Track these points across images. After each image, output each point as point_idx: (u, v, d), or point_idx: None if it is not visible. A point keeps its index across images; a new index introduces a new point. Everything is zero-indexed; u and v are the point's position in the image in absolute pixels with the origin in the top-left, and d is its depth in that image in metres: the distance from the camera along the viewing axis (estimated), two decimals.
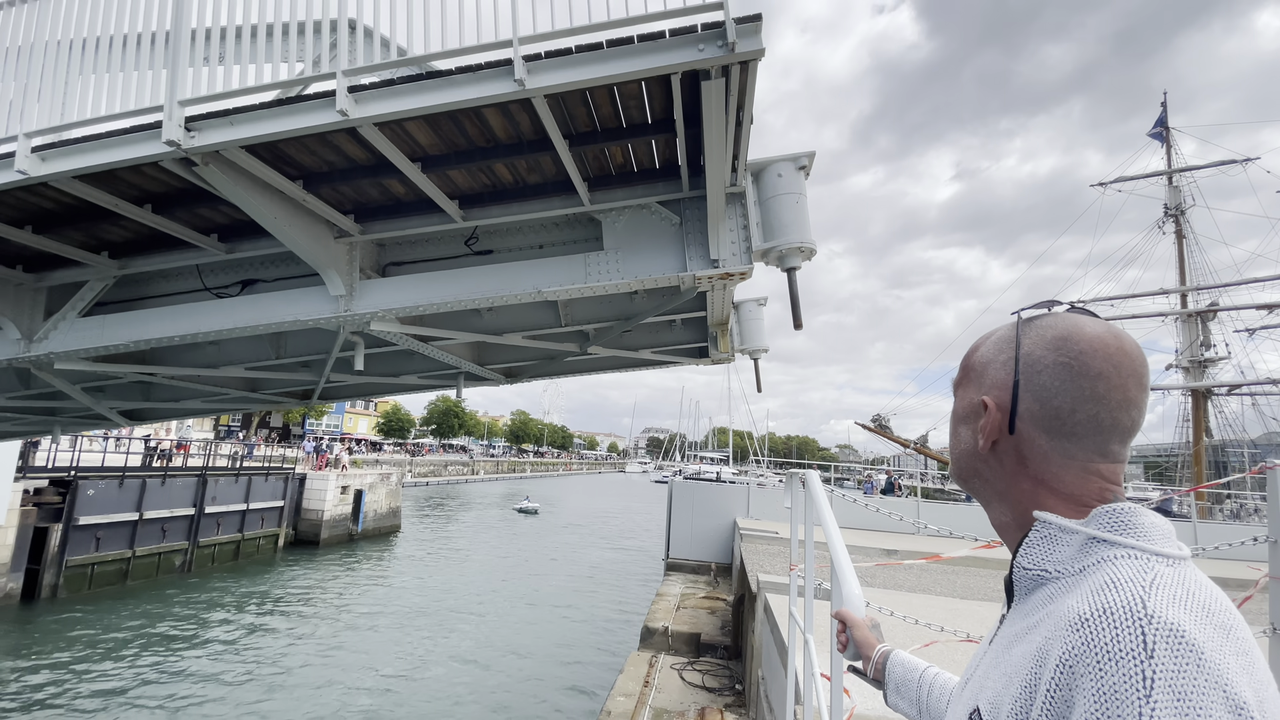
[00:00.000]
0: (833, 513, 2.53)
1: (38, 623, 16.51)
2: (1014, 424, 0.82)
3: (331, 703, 11.88)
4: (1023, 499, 0.83)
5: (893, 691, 1.28)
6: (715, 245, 3.37)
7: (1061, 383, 0.79)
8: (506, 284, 3.73)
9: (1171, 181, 32.11)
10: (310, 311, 4.07)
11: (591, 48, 2.52)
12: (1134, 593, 0.65)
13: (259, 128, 2.89)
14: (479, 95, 2.62)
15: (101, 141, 3.13)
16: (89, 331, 4.76)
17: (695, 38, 2.44)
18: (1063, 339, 0.80)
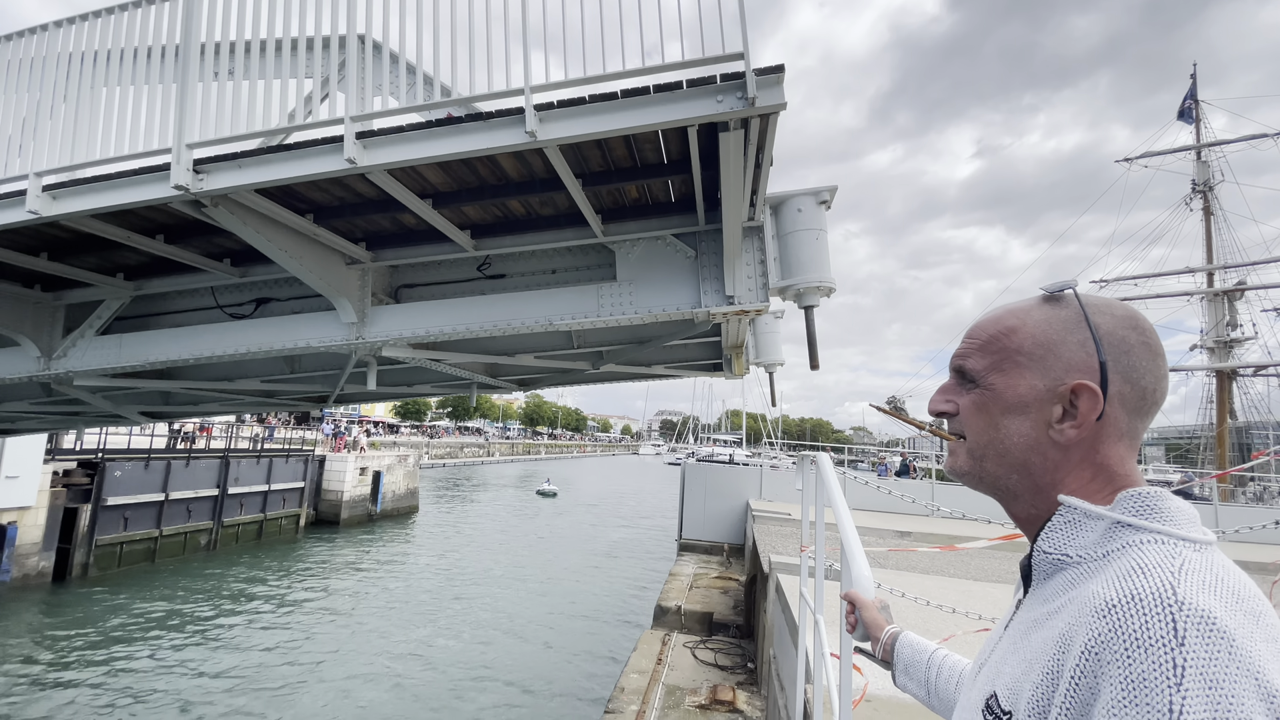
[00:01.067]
0: (844, 495, 2.52)
1: (70, 600, 17.03)
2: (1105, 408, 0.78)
3: (357, 674, 12.20)
4: (1078, 488, 0.79)
5: (901, 672, 1.28)
6: (731, 281, 3.31)
7: (1147, 362, 0.78)
8: (518, 313, 3.69)
9: (1200, 157, 31.18)
10: (323, 337, 4.07)
11: (606, 97, 2.44)
12: (1163, 578, 0.63)
13: (267, 173, 2.85)
14: (490, 145, 2.56)
15: (112, 182, 3.12)
16: (107, 351, 4.82)
17: (714, 89, 2.35)
18: (1133, 317, 0.80)
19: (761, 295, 3.24)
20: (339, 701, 10.95)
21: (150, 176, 3.05)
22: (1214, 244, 30.62)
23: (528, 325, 3.64)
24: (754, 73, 2.29)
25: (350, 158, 2.66)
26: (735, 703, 6.11)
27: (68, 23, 3.42)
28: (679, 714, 5.88)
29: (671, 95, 2.40)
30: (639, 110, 2.42)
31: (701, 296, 3.43)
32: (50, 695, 10.74)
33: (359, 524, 30.81)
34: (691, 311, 3.44)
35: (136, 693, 11.06)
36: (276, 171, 2.84)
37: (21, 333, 4.92)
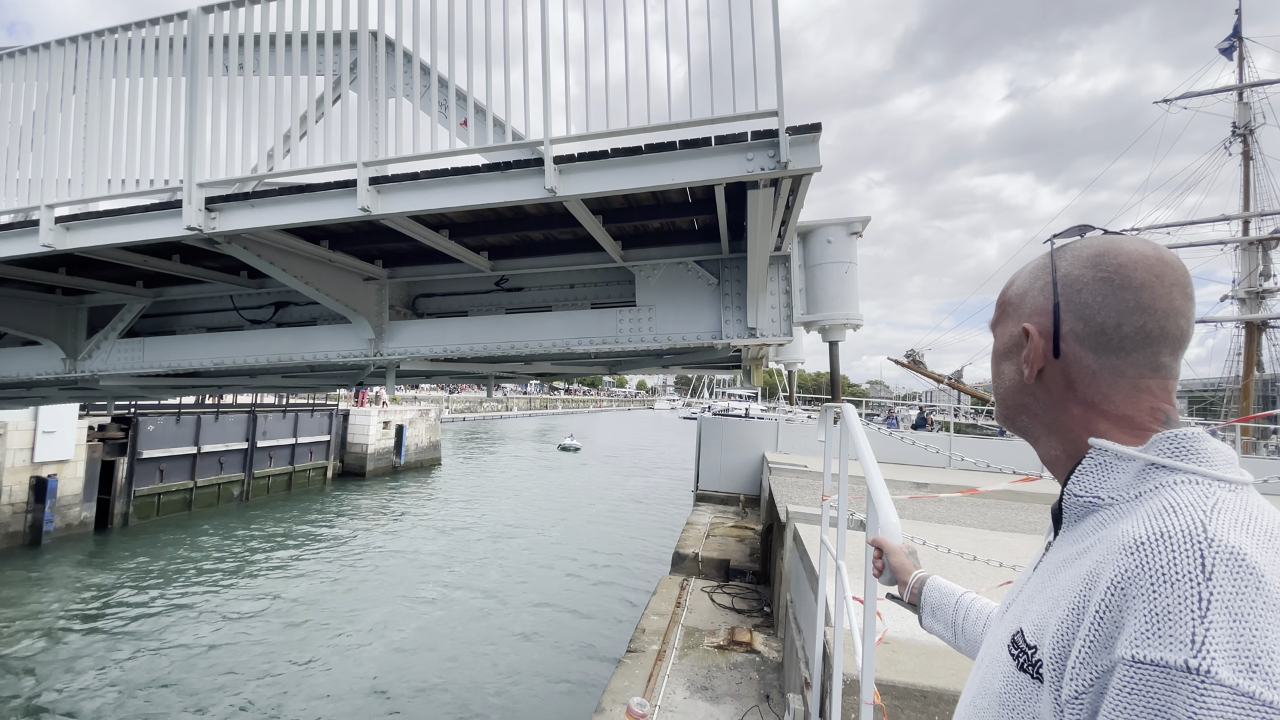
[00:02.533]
0: (869, 445, 2.54)
1: (113, 547, 17.84)
2: (1059, 347, 0.80)
3: (388, 614, 12.79)
4: (1073, 426, 0.81)
5: (928, 615, 1.31)
6: (754, 313, 3.23)
7: (1104, 298, 0.77)
8: (535, 334, 3.66)
9: (1242, 98, 29.69)
10: (341, 349, 4.08)
11: (630, 151, 2.34)
12: (1194, 516, 0.63)
13: (280, 215, 2.81)
14: (507, 199, 2.47)
15: (124, 217, 3.10)
16: (129, 354, 4.89)
17: (744, 146, 2.24)
18: (1099, 255, 0.78)
19: (785, 328, 3.17)
20: (371, 641, 11.50)
21: (163, 213, 3.02)
22: (1252, 190, 29.46)
23: (544, 347, 3.60)
24: (787, 131, 2.17)
25: (364, 206, 2.60)
26: (753, 644, 6.34)
27: (70, 42, 3.33)
28: (698, 653, 6.12)
29: (699, 152, 2.30)
30: (664, 166, 2.31)
31: (723, 326, 3.37)
32: (97, 637, 11.38)
33: (384, 475, 31.65)
34: (712, 341, 3.39)
35: (177, 632, 11.67)
36: (290, 215, 2.79)
37: (45, 336, 4.99)
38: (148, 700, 8.99)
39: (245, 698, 9.16)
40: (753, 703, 4.97)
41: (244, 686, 9.48)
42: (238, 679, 9.72)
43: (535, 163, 2.46)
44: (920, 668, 3.23)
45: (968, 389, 29.03)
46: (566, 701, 9.37)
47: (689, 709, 4.86)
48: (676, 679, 5.46)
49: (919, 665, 3.26)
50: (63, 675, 9.78)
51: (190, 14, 3.00)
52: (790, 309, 3.22)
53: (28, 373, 5.24)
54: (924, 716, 3.02)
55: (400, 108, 3.07)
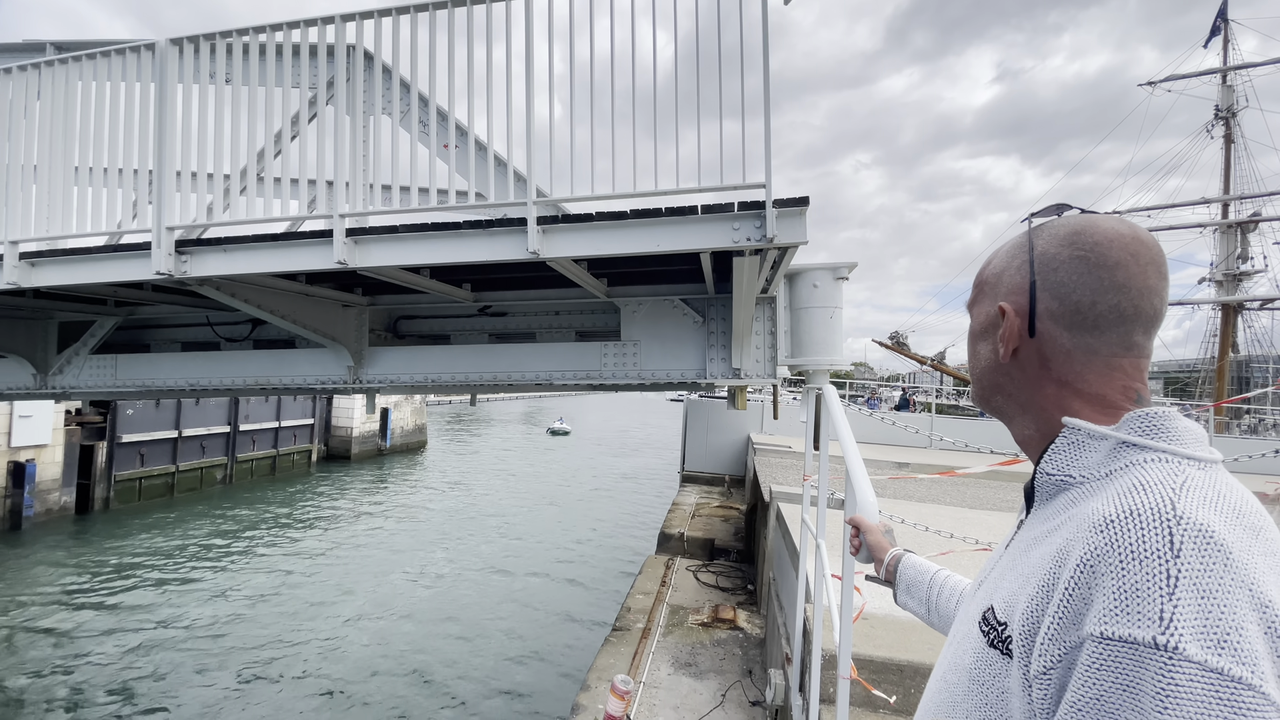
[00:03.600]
0: (849, 426, 2.58)
1: (93, 531, 17.73)
2: (1034, 326, 0.81)
3: (375, 598, 12.87)
4: (1047, 405, 0.81)
5: (903, 591, 1.33)
6: (739, 355, 3.23)
7: (1079, 276, 0.77)
8: (518, 366, 3.63)
9: (1225, 80, 29.81)
10: (319, 374, 4.02)
11: (615, 216, 2.31)
12: (1163, 494, 0.64)
13: (253, 263, 2.75)
14: (490, 257, 2.42)
15: (92, 257, 3.03)
16: (101, 371, 4.81)
17: (730, 217, 2.22)
18: (1076, 234, 0.79)
19: (769, 369, 3.18)
20: (358, 621, 11.58)
21: (132, 254, 2.94)
22: (1232, 174, 29.75)
23: (527, 379, 3.58)
24: (775, 204, 2.15)
25: (341, 259, 2.55)
26: (736, 620, 6.48)
27: (33, 67, 3.21)
28: (682, 631, 6.25)
29: (685, 220, 2.27)
30: (649, 232, 2.28)
31: (708, 364, 3.36)
32: (78, 620, 11.35)
33: (370, 459, 31.56)
34: (696, 379, 3.38)
35: (161, 614, 11.68)
36: (264, 263, 2.73)
37: (14, 351, 4.88)
38: (131, 681, 9.02)
39: (231, 676, 9.22)
40: (735, 678, 5.10)
41: (229, 666, 9.54)
42: (222, 659, 9.78)
43: (518, 221, 2.42)
44: (897, 642, 3.35)
45: (950, 370, 29.33)
46: (552, 680, 9.52)
47: (673, 685, 4.98)
48: (661, 656, 5.58)
49: (896, 640, 3.37)
50: (44, 657, 9.77)
51: (158, 46, 2.90)
52: (775, 350, 3.22)
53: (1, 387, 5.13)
54: (900, 689, 3.15)
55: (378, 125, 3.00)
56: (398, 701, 8.72)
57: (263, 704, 8.51)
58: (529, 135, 2.41)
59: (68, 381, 4.93)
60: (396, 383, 3.82)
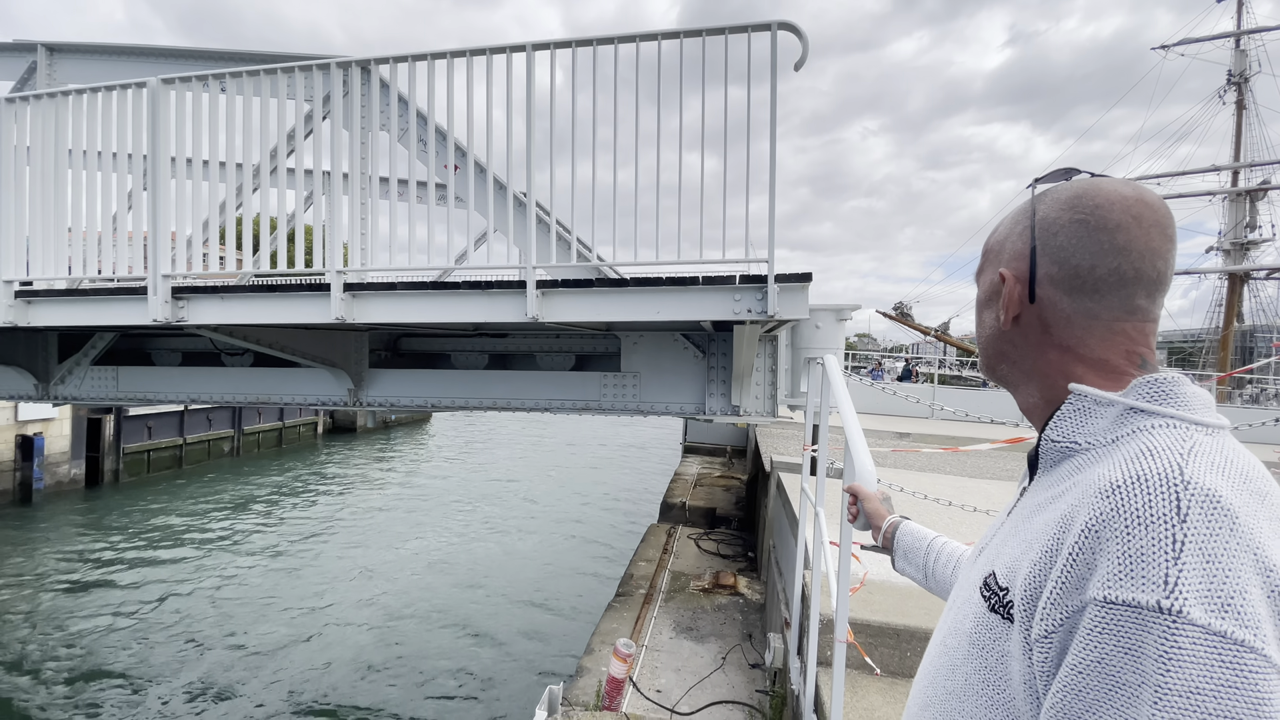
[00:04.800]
0: (850, 396, 2.61)
1: (103, 503, 17.98)
2: (1034, 291, 0.80)
3: (382, 565, 13.10)
4: (1050, 370, 0.81)
5: (900, 558, 1.34)
6: (739, 393, 3.20)
7: (1079, 240, 0.76)
8: (518, 393, 3.64)
9: (1239, 45, 29.19)
10: (320, 394, 4.06)
11: (615, 283, 2.31)
12: (1171, 459, 0.64)
13: (251, 313, 2.78)
14: (488, 318, 2.44)
15: (89, 299, 3.06)
16: (103, 382, 4.84)
17: (731, 289, 2.22)
18: (1077, 197, 0.78)
19: (769, 407, 3.18)
20: (366, 591, 11.79)
21: (128, 298, 2.97)
22: (1243, 140, 29.27)
23: (526, 406, 3.60)
24: (777, 279, 2.15)
25: (339, 316, 2.57)
26: (737, 587, 6.58)
27: (21, 100, 3.16)
28: (684, 596, 6.36)
29: (684, 290, 2.27)
30: (648, 299, 2.28)
31: (707, 400, 3.33)
32: (91, 590, 11.58)
33: (376, 431, 31.83)
34: (694, 415, 3.39)
35: (171, 585, 11.89)
36: (261, 314, 2.76)
37: (14, 363, 4.89)
38: (142, 649, 9.23)
39: (241, 647, 9.42)
40: (735, 642, 5.20)
41: (239, 637, 9.74)
42: (232, 629, 9.98)
43: (518, 284, 2.42)
44: (895, 608, 3.41)
45: (954, 341, 29.26)
46: (556, 643, 9.72)
47: (674, 648, 5.08)
48: (663, 620, 5.69)
49: (893, 605, 3.43)
50: (57, 626, 9.98)
51: (150, 84, 2.87)
52: (775, 388, 3.22)
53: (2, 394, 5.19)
54: (897, 654, 3.22)
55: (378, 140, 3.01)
56: (400, 665, 8.91)
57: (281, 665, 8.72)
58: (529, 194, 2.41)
59: (69, 391, 4.98)
60: (397, 405, 3.86)
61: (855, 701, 2.98)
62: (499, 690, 8.35)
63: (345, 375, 3.86)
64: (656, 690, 4.32)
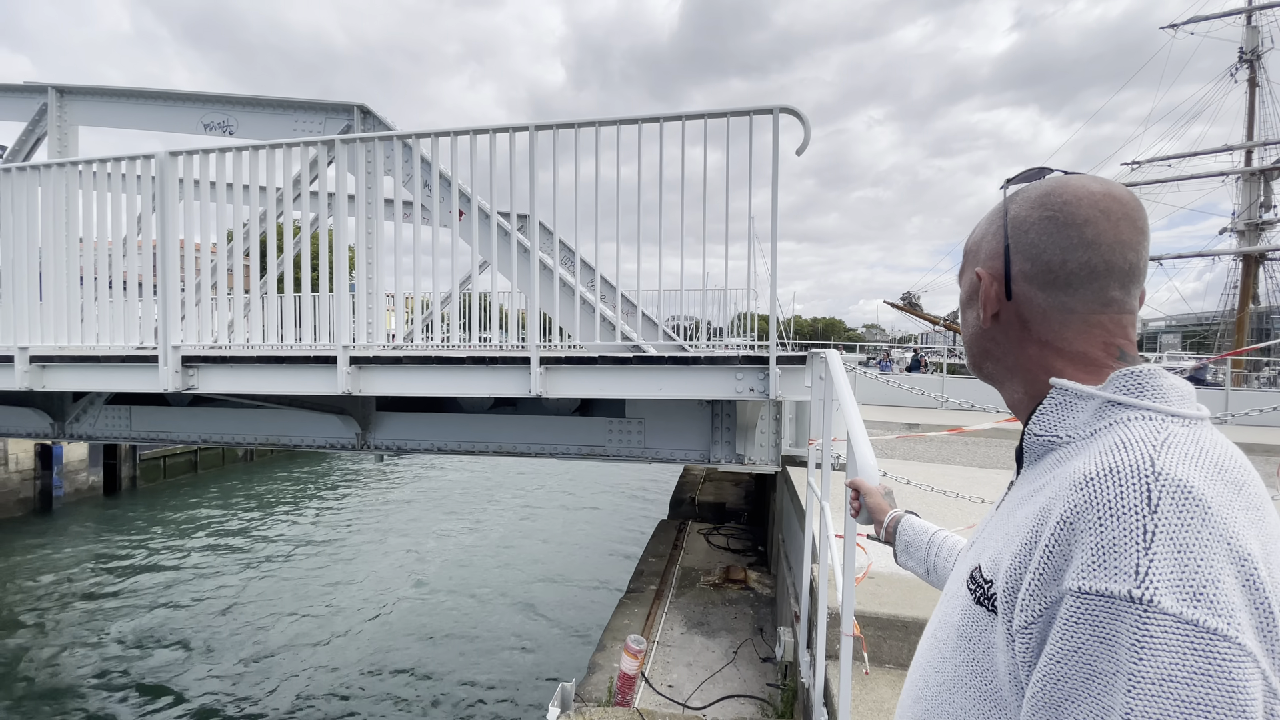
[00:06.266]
0: (851, 390, 2.62)
1: (121, 510, 18.18)
2: (1010, 289, 0.82)
3: (399, 567, 13.21)
4: (1031, 365, 0.83)
5: (902, 552, 1.36)
6: (744, 443, 3.23)
7: (1049, 236, 0.78)
8: (524, 437, 3.67)
9: (1250, 21, 28.72)
10: (328, 437, 4.14)
11: (618, 360, 2.35)
12: (1144, 451, 0.65)
13: (259, 383, 2.86)
14: (492, 392, 2.49)
15: (102, 365, 3.15)
16: (117, 422, 4.96)
17: (733, 368, 2.25)
18: (1046, 194, 0.80)
19: (773, 456, 3.22)
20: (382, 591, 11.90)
21: (141, 365, 3.06)
22: (1256, 119, 28.82)
23: (533, 450, 3.63)
24: (778, 360, 2.19)
25: (346, 389, 2.63)
26: (747, 580, 6.57)
27: (32, 169, 3.23)
28: (695, 591, 6.36)
29: (687, 368, 2.29)
30: (651, 377, 2.32)
31: (712, 449, 3.35)
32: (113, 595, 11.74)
33: None
34: (698, 461, 3.41)
35: (193, 587, 12.05)
36: (269, 384, 2.84)
37: (30, 404, 4.99)
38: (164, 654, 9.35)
39: (259, 644, 9.54)
40: (746, 636, 5.20)
41: (264, 638, 9.85)
42: (256, 631, 10.10)
43: (521, 360, 2.46)
44: (902, 600, 3.42)
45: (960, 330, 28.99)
46: (568, 640, 9.76)
47: (685, 643, 5.09)
48: (674, 616, 5.69)
49: (901, 598, 3.45)
50: (81, 632, 10.13)
51: (157, 156, 2.91)
52: (779, 436, 3.25)
53: (16, 430, 5.34)
54: (905, 645, 3.23)
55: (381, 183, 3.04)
56: (413, 661, 8.99)
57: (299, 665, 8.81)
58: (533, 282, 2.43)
59: (84, 430, 5.11)
60: (404, 448, 3.94)
61: (865, 694, 2.99)
62: (511, 690, 8.40)
63: (353, 420, 3.95)
64: (669, 685, 4.33)
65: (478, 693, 8.22)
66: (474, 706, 7.96)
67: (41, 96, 4.59)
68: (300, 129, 3.31)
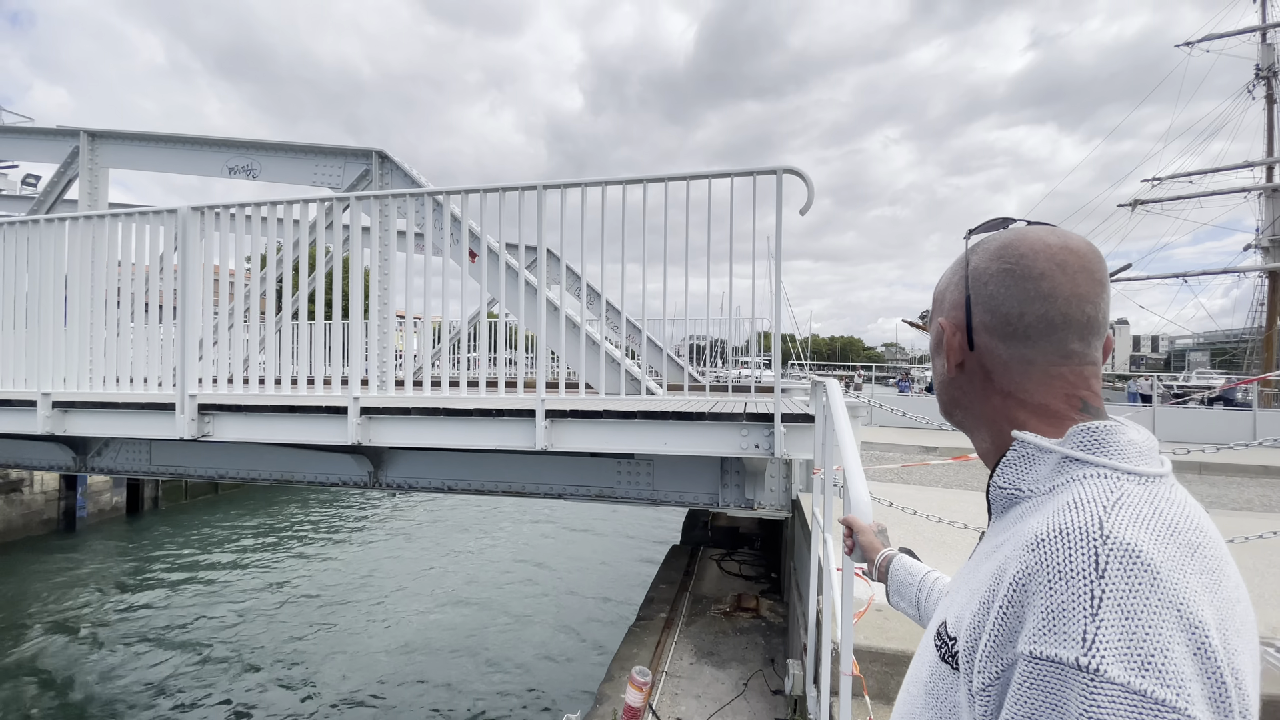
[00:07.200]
0: (850, 421, 2.58)
1: (144, 530, 18.38)
2: (972, 339, 0.82)
3: (415, 586, 13.22)
4: (996, 416, 0.83)
5: (894, 592, 1.35)
6: (753, 489, 3.27)
7: (1007, 288, 0.78)
8: (533, 477, 3.71)
9: (1265, 39, 28.50)
10: (340, 474, 4.21)
11: (623, 415, 2.40)
12: (1093, 512, 0.64)
13: (272, 431, 2.98)
14: (499, 445, 2.55)
15: (122, 411, 3.26)
16: (137, 456, 5.06)
17: (739, 424, 2.30)
18: (1004, 247, 0.80)
19: (783, 501, 3.22)
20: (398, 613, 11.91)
21: (158, 412, 3.16)
22: (1275, 135, 28.50)
23: (542, 490, 3.69)
24: (783, 418, 2.24)
25: (356, 440, 2.73)
26: (759, 609, 6.43)
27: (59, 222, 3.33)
28: (705, 620, 6.25)
29: (693, 423, 2.34)
30: (656, 432, 2.36)
31: (721, 492, 3.39)
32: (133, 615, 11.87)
33: None
34: (706, 505, 3.44)
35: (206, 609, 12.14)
36: (281, 433, 2.96)
37: (54, 439, 5.05)
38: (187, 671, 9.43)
39: (279, 662, 9.59)
40: (757, 667, 5.10)
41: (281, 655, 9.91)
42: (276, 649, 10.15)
43: (527, 413, 2.52)
44: (911, 634, 3.32)
45: None
46: (577, 668, 9.67)
47: (695, 673, 5.01)
48: (684, 645, 5.61)
49: (909, 632, 3.35)
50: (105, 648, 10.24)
51: (180, 211, 3.05)
52: (789, 481, 3.25)
53: (41, 463, 5.45)
54: None
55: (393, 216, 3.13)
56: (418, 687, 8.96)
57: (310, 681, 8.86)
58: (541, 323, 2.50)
59: (105, 464, 5.22)
60: (415, 486, 3.99)
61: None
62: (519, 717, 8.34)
63: (365, 459, 4.03)
64: (676, 718, 4.30)
65: None
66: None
67: (74, 140, 4.77)
68: (320, 173, 3.42)
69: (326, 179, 3.62)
